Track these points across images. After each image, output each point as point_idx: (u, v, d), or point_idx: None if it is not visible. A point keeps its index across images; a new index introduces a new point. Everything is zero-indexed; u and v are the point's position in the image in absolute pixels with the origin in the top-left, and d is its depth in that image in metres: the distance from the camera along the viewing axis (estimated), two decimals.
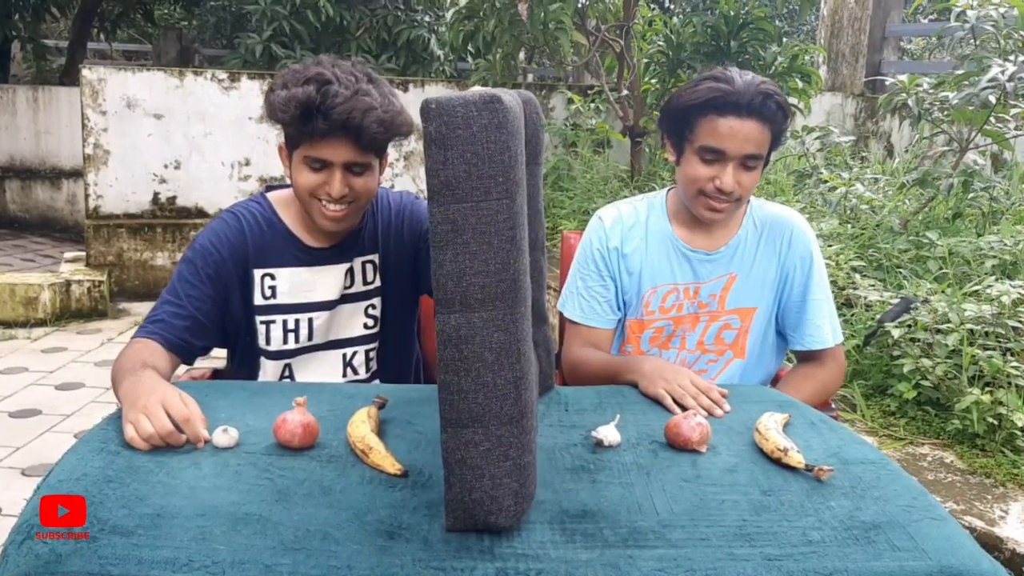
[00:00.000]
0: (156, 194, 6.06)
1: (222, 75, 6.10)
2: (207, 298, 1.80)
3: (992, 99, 3.61)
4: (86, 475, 1.23)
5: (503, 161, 1.04)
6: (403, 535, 1.13)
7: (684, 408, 1.59)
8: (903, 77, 4.12)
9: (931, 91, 3.95)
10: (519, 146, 1.09)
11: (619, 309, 2.07)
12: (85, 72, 5.80)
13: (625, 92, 5.78)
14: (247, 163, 6.17)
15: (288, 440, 1.36)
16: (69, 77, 8.92)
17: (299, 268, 1.88)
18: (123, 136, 5.89)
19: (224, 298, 1.84)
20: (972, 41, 4.01)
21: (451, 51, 7.50)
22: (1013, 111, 3.85)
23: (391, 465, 1.30)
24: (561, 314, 2.15)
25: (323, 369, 1.95)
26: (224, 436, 1.37)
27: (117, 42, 12.17)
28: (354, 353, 1.97)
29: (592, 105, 6.78)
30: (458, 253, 1.06)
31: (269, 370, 1.92)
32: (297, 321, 1.89)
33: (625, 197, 2.16)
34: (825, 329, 2.02)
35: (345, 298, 1.93)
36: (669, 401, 1.64)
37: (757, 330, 2.04)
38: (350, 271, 1.93)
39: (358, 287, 1.95)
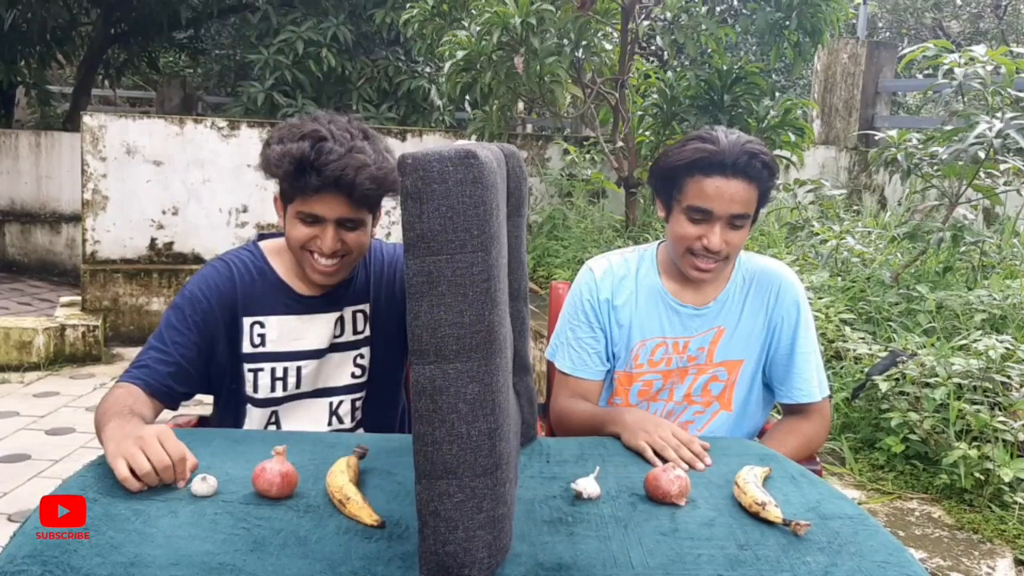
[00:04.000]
0: (153, 240, 6.10)
1: (222, 123, 6.17)
2: (193, 345, 1.81)
3: (981, 154, 3.65)
4: None
5: (478, 215, 1.06)
6: None
7: (665, 460, 1.59)
8: (893, 132, 4.17)
9: (920, 146, 3.99)
10: (495, 200, 1.11)
11: (608, 360, 2.07)
12: (86, 119, 5.86)
13: (620, 144, 5.85)
14: (245, 210, 6.22)
15: (266, 490, 1.36)
16: (72, 123, 9.02)
17: (289, 316, 1.89)
18: (122, 182, 5.94)
19: (210, 345, 1.84)
20: (960, 97, 4.07)
21: (449, 102, 7.59)
22: (1002, 166, 3.90)
23: (368, 516, 1.30)
24: (550, 363, 2.15)
25: (309, 417, 1.95)
26: (203, 484, 1.37)
27: (122, 88, 12.32)
28: (340, 402, 1.97)
29: (587, 156, 6.85)
30: (433, 304, 1.07)
31: (255, 417, 1.92)
32: (285, 369, 1.90)
33: (619, 247, 2.18)
34: (812, 383, 2.02)
35: (334, 347, 1.94)
36: (650, 453, 1.64)
37: (744, 382, 2.04)
38: (340, 320, 1.94)
39: (348, 336, 1.95)
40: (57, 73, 12.18)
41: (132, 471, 1.35)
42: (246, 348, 1.87)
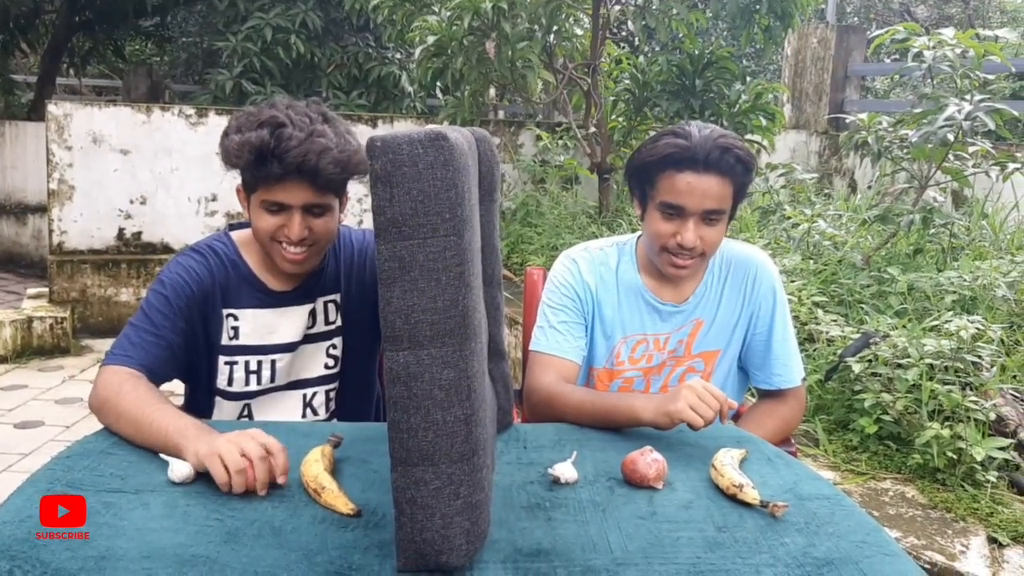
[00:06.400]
0: (121, 230, 6.02)
1: (189, 111, 6.09)
2: (180, 330, 1.76)
3: (950, 137, 3.67)
4: (31, 516, 1.20)
5: (450, 198, 1.04)
6: None
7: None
8: (863, 115, 4.18)
9: (890, 129, 4.01)
10: (466, 183, 1.10)
11: (585, 348, 2.05)
12: (51, 107, 5.77)
13: (593, 129, 5.84)
14: (214, 199, 6.15)
15: None
16: (37, 112, 8.86)
17: (262, 310, 1.86)
18: (88, 171, 5.85)
19: (192, 333, 1.80)
20: (930, 80, 4.09)
21: (420, 88, 7.54)
22: (971, 148, 3.92)
23: (344, 505, 1.28)
24: (528, 352, 2.12)
25: (283, 408, 1.92)
26: (181, 470, 1.35)
27: (87, 77, 12.13)
28: (314, 394, 1.95)
29: (560, 142, 6.83)
30: (406, 290, 1.05)
31: (226, 410, 1.89)
32: (259, 363, 1.87)
33: (593, 232, 2.16)
34: (791, 368, 2.03)
35: (307, 338, 1.91)
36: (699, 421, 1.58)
37: (721, 371, 2.04)
38: (312, 312, 1.91)
39: (320, 327, 1.93)
40: (21, 62, 11.96)
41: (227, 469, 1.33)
42: (223, 340, 1.84)
